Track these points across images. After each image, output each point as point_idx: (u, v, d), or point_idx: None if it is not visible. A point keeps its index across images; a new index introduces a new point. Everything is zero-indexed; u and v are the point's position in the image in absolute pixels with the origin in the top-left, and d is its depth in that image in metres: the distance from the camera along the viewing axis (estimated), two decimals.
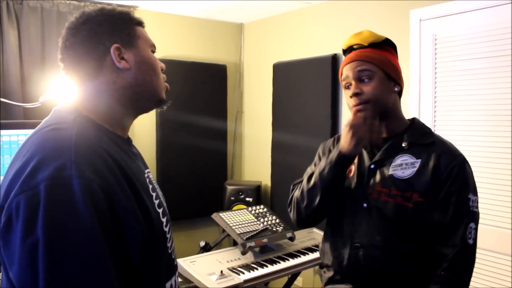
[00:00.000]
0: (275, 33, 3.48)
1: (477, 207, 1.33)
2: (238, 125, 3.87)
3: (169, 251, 1.01)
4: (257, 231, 2.39)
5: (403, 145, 1.38)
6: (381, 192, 1.35)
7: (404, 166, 1.36)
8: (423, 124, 1.47)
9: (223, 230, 2.46)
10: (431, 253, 1.31)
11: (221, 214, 2.53)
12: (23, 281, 0.75)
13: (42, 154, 0.80)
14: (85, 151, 0.82)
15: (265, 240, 2.35)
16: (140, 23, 1.04)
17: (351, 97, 1.36)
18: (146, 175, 1.01)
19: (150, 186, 0.99)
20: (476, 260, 2.28)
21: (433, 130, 1.56)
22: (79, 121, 0.90)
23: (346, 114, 2.88)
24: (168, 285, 1.00)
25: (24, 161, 0.81)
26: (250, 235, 2.33)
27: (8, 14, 2.69)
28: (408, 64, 2.47)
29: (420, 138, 1.39)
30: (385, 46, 1.42)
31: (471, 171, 1.38)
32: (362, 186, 1.40)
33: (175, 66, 3.35)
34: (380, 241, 1.34)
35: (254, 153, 3.78)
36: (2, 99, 2.63)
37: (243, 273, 2.20)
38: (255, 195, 3.23)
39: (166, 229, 0.99)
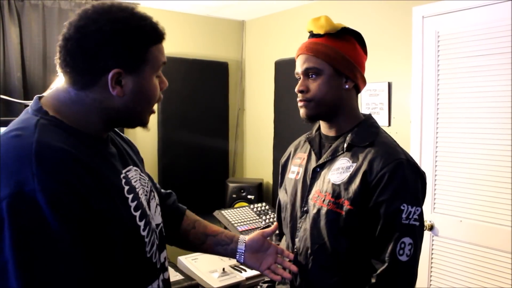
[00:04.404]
0: (277, 30, 3.47)
1: (417, 219, 1.17)
2: (240, 122, 3.86)
3: (148, 255, 0.95)
4: (259, 228, 2.39)
5: (344, 145, 1.29)
6: (318, 197, 1.27)
7: (340, 170, 1.25)
8: (373, 121, 1.35)
9: (225, 228, 2.46)
10: (366, 265, 1.20)
11: (223, 212, 2.53)
12: None
13: (2, 168, 0.76)
14: (48, 159, 0.77)
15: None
16: (159, 41, 0.95)
17: (297, 91, 1.33)
18: (123, 175, 0.94)
19: (126, 188, 0.93)
20: (477, 258, 2.25)
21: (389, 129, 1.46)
22: (42, 124, 0.83)
23: None
24: None
25: None
26: (251, 232, 2.34)
27: (9, 11, 2.68)
28: (411, 61, 2.46)
29: (362, 138, 1.28)
30: (345, 36, 1.28)
31: (415, 177, 1.22)
32: (305, 190, 1.33)
33: (176, 64, 3.35)
34: (313, 249, 1.27)
35: (255, 151, 3.77)
36: (3, 96, 2.63)
37: (245, 271, 2.20)
38: (256, 192, 3.22)
39: (145, 233, 0.94)
